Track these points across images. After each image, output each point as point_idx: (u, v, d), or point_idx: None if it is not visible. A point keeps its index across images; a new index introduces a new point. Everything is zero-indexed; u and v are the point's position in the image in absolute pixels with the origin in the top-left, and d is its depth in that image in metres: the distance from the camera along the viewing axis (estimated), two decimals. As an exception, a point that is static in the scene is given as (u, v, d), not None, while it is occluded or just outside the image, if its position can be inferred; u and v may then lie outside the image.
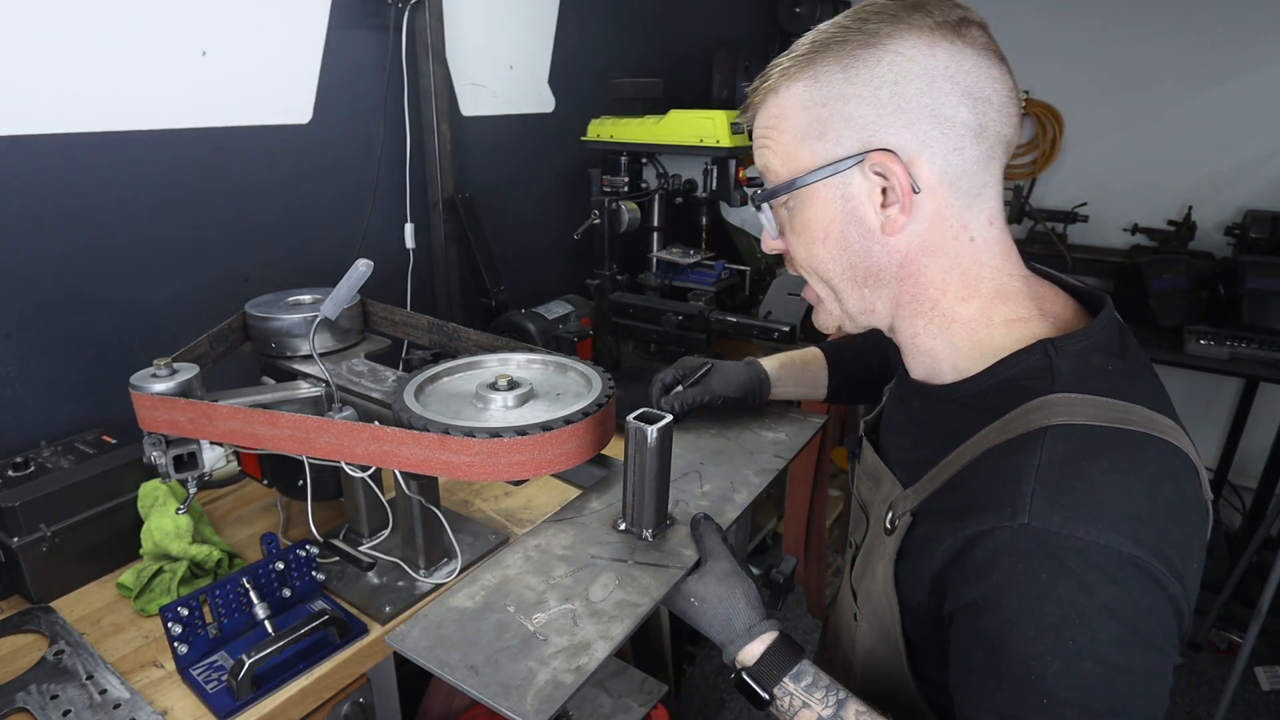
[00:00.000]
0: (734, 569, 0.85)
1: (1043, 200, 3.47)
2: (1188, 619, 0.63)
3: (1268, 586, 2.26)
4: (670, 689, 1.72)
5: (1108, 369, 0.68)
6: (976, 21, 0.70)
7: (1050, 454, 0.63)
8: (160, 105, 1.54)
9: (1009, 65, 0.71)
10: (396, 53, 1.94)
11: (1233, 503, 3.33)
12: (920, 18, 0.67)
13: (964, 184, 0.70)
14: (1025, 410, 0.66)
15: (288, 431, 1.04)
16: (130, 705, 1.04)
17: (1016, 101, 0.71)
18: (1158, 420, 0.65)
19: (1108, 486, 0.61)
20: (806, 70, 0.71)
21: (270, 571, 1.19)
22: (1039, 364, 0.68)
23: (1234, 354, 2.56)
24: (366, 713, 1.21)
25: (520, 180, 2.47)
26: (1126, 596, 0.59)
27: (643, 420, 0.88)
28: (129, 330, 1.58)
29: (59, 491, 1.25)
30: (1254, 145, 3.01)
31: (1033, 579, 0.61)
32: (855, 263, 0.75)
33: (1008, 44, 0.74)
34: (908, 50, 0.67)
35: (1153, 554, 0.59)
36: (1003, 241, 0.74)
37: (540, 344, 1.93)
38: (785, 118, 0.73)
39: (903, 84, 0.67)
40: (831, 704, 0.75)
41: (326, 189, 1.91)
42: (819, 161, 0.72)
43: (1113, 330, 0.72)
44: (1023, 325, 0.71)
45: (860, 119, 0.69)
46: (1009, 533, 0.62)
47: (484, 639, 0.77)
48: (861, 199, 0.71)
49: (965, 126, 0.68)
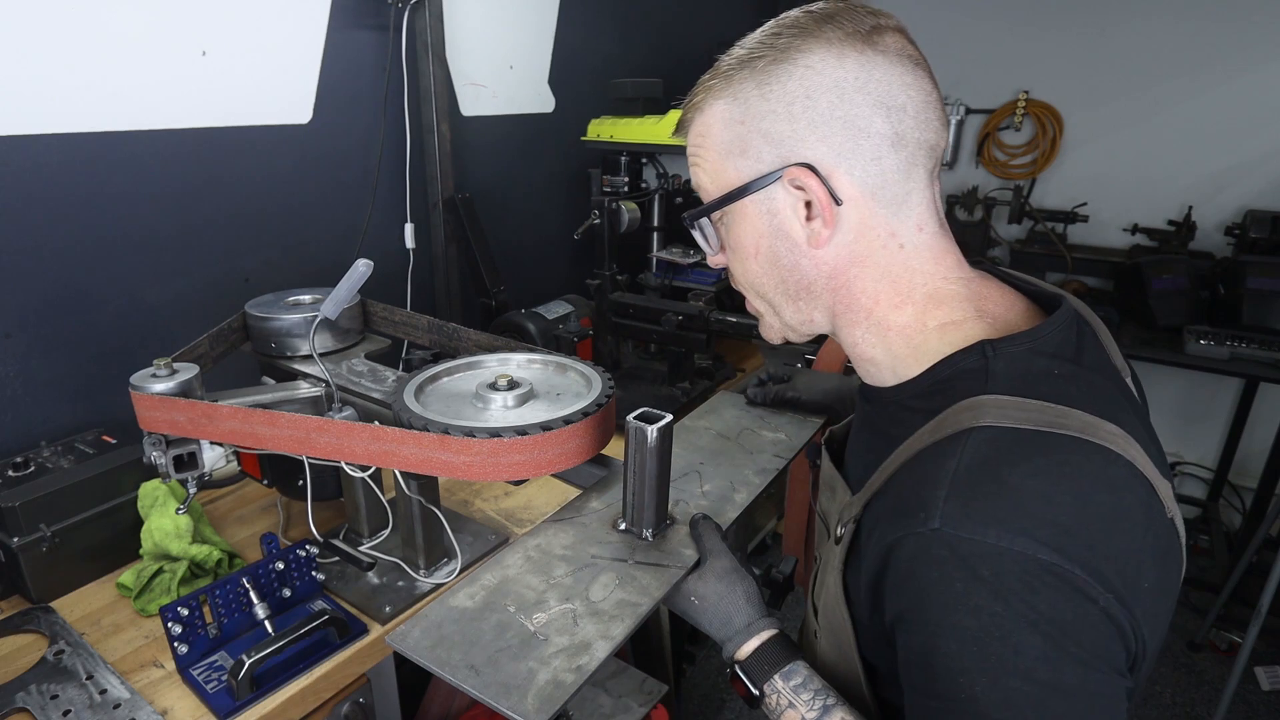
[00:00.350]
0: (734, 567, 0.85)
1: (1043, 200, 3.48)
2: (1136, 637, 0.59)
3: (1268, 586, 2.26)
4: (670, 689, 1.72)
5: (1052, 372, 0.65)
6: (891, 28, 0.69)
7: (970, 457, 0.61)
8: (160, 105, 1.54)
9: (928, 69, 0.70)
10: (396, 53, 1.94)
11: (1233, 503, 3.34)
12: (830, 29, 0.67)
13: (887, 193, 0.69)
14: (955, 411, 0.64)
15: (288, 431, 1.04)
16: (130, 705, 1.04)
17: (936, 105, 0.70)
18: (1099, 426, 0.61)
19: (1026, 491, 0.58)
20: (728, 88, 0.71)
21: (270, 571, 1.19)
22: (975, 365, 0.66)
23: (1234, 354, 2.56)
24: (366, 713, 1.21)
25: (520, 180, 2.47)
26: (1048, 608, 0.56)
27: (643, 420, 0.88)
28: (129, 330, 1.58)
29: (59, 491, 1.25)
30: (1254, 145, 3.01)
31: (949, 588, 0.58)
32: (786, 277, 0.75)
33: (1007, 44, 0.74)
34: (816, 63, 0.67)
35: (1077, 564, 0.56)
36: (936, 246, 0.72)
37: (540, 344, 1.93)
38: (710, 135, 0.73)
39: (814, 97, 0.67)
40: (817, 708, 0.74)
41: (326, 189, 1.91)
42: (743, 179, 0.72)
43: (1067, 333, 0.69)
44: (957, 328, 0.70)
45: (777, 134, 0.69)
46: (922, 539, 0.60)
47: (484, 639, 0.77)
48: (786, 214, 0.71)
49: (881, 136, 0.67)
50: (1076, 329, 0.70)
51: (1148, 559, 0.60)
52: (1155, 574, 0.61)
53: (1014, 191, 3.44)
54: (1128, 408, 0.67)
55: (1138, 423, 0.66)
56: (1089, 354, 0.69)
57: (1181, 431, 3.45)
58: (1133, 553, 0.59)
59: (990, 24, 3.40)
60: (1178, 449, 3.49)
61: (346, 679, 1.15)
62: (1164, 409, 3.44)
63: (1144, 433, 0.66)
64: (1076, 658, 0.56)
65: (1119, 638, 0.58)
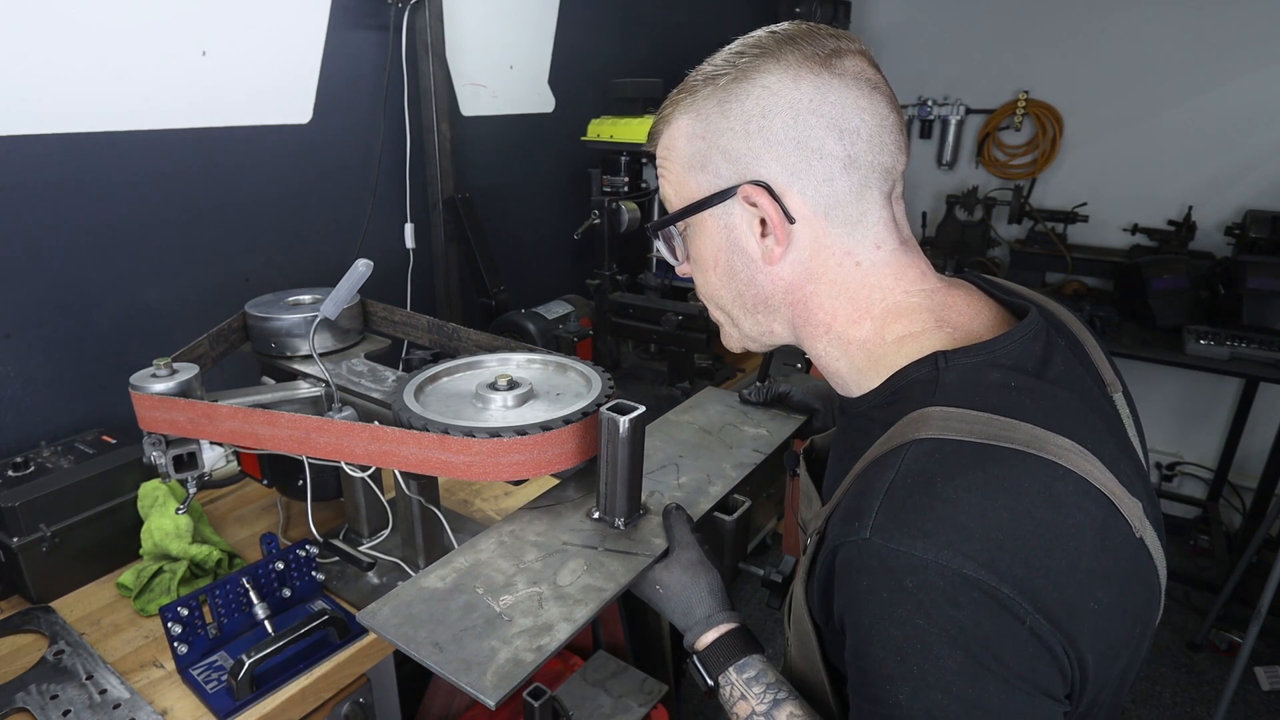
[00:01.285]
0: (700, 559, 0.87)
1: (1043, 200, 3.48)
2: (1072, 661, 0.57)
3: (1268, 586, 2.26)
4: (670, 689, 1.72)
5: (1008, 384, 0.64)
6: (852, 51, 0.70)
7: (907, 468, 0.61)
8: (160, 105, 1.54)
9: (888, 93, 0.71)
10: (396, 53, 1.94)
11: (1233, 503, 3.34)
12: (789, 52, 0.69)
13: (840, 213, 0.70)
14: (903, 423, 0.64)
15: (287, 431, 1.04)
16: (130, 705, 1.04)
17: (893, 129, 0.70)
18: (1048, 440, 0.60)
19: (958, 504, 0.57)
20: (693, 103, 0.73)
21: (270, 571, 1.19)
22: (927, 376, 0.67)
23: (1234, 354, 2.56)
24: (366, 713, 1.21)
25: (520, 180, 2.47)
26: (972, 624, 0.55)
27: (616, 411, 0.90)
28: (129, 330, 1.58)
29: (59, 491, 1.26)
30: (1254, 145, 3.01)
31: (876, 596, 0.59)
32: (743, 290, 0.77)
33: (1007, 44, 0.74)
34: (773, 84, 0.68)
35: (1006, 581, 0.55)
36: (895, 262, 0.72)
37: (540, 344, 1.93)
38: (675, 149, 0.75)
39: (769, 117, 0.68)
40: (767, 701, 0.75)
41: (326, 189, 1.91)
42: (702, 192, 0.74)
43: (1031, 344, 0.68)
44: (915, 339, 0.70)
45: (734, 152, 0.71)
46: (855, 547, 0.60)
47: (451, 618, 0.79)
48: (742, 229, 0.73)
49: (834, 157, 0.68)
50: (1045, 341, 0.70)
51: (1097, 580, 0.59)
52: (1110, 596, 0.59)
53: (1014, 191, 3.44)
54: (1095, 423, 0.66)
55: (1107, 438, 0.65)
56: (1054, 367, 0.68)
57: (1181, 431, 3.45)
58: (1076, 572, 0.57)
59: (990, 24, 3.40)
60: (1178, 449, 3.49)
61: (346, 679, 1.15)
62: (1164, 409, 3.44)
63: (1114, 448, 0.65)
64: (999, 675, 0.56)
65: (1049, 659, 0.57)
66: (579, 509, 0.98)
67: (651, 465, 1.08)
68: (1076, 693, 0.60)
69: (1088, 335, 0.78)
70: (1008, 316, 0.74)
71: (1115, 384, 0.76)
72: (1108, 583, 0.59)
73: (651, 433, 1.23)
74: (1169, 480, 3.49)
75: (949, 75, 3.57)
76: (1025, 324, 0.69)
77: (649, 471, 1.06)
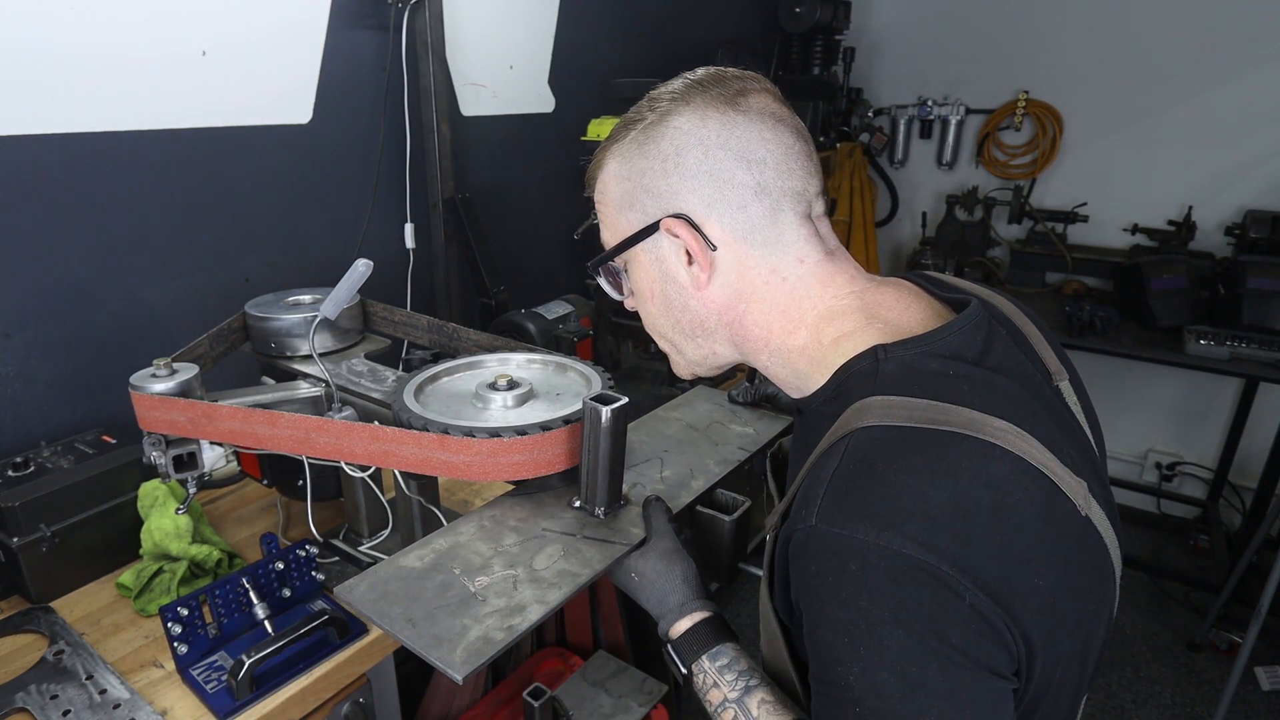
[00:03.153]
0: (675, 548, 0.89)
1: (1043, 200, 3.48)
2: (1016, 637, 0.59)
3: (1268, 586, 2.26)
4: (670, 689, 1.72)
5: (946, 373, 0.67)
6: (758, 90, 0.76)
7: (850, 456, 0.63)
8: (160, 105, 1.54)
9: (794, 124, 0.76)
10: (396, 53, 1.94)
11: (1233, 503, 3.34)
12: (698, 95, 0.75)
13: (758, 236, 0.75)
14: (847, 414, 0.67)
15: (287, 431, 1.04)
16: (130, 705, 1.04)
17: (800, 156, 0.75)
18: (986, 423, 0.62)
19: (899, 486, 0.59)
20: (619, 148, 0.79)
21: (270, 571, 1.19)
22: (867, 368, 0.69)
23: (1234, 354, 2.56)
24: (366, 713, 1.21)
25: (520, 180, 2.47)
26: (914, 603, 0.57)
27: (599, 401, 0.91)
28: (129, 330, 1.58)
29: (59, 491, 1.25)
30: (1254, 145, 3.01)
31: (823, 581, 0.61)
32: (680, 317, 0.82)
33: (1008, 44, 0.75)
34: (684, 125, 0.75)
35: (945, 559, 0.57)
36: (821, 272, 0.76)
37: (540, 344, 1.93)
38: (606, 192, 0.82)
39: (683, 154, 0.74)
40: (739, 688, 0.77)
41: (326, 189, 1.91)
42: (632, 229, 0.79)
43: (971, 334, 0.71)
44: (850, 338, 0.73)
45: (656, 189, 0.77)
46: (803, 534, 0.63)
47: (426, 596, 0.81)
48: (671, 260, 0.79)
49: (744, 186, 0.74)
50: (986, 331, 0.72)
51: (1040, 557, 0.60)
52: (1055, 574, 0.61)
53: (1014, 191, 3.45)
54: (1035, 407, 0.68)
55: (1048, 422, 0.67)
56: (994, 355, 0.71)
57: (1181, 431, 3.45)
58: (1017, 549, 0.59)
59: (990, 24, 3.41)
60: (1178, 449, 3.49)
61: (346, 679, 1.15)
62: (1164, 409, 3.45)
63: (1054, 431, 0.67)
64: (940, 654, 0.57)
65: (993, 635, 0.58)
66: (561, 498, 1.00)
67: (636, 459, 1.12)
68: (1024, 670, 0.61)
69: (1031, 327, 0.80)
70: (943, 310, 0.77)
71: (1061, 372, 0.78)
72: (1051, 558, 0.61)
73: (639, 428, 1.24)
74: (1169, 480, 3.49)
75: (949, 75, 3.57)
76: (964, 315, 0.72)
77: (634, 465, 1.09)
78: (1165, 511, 3.50)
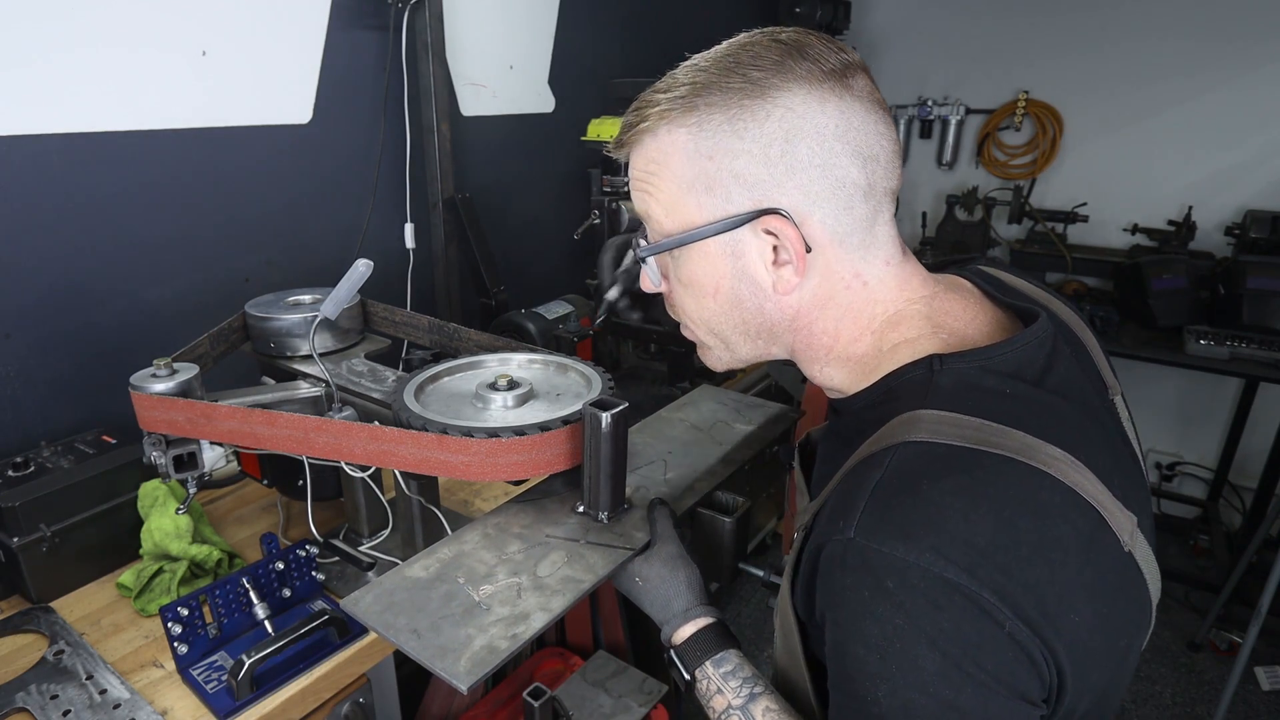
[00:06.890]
0: (679, 553, 0.88)
1: (1043, 200, 3.47)
2: (1050, 669, 0.58)
3: (1268, 586, 2.25)
4: (670, 689, 1.72)
5: (1003, 391, 0.63)
6: (858, 64, 0.67)
7: (894, 469, 0.60)
8: (160, 105, 1.54)
9: (889, 112, 0.69)
10: (396, 53, 1.94)
11: (1233, 503, 3.34)
12: (807, 67, 0.64)
13: (854, 239, 0.68)
14: (893, 424, 0.64)
15: (287, 431, 1.04)
16: (130, 705, 1.04)
17: (900, 152, 0.70)
18: (1039, 449, 0.59)
19: (943, 507, 0.57)
20: (689, 116, 0.67)
21: (270, 571, 1.19)
22: (920, 378, 0.66)
23: (1234, 354, 2.56)
24: (366, 713, 1.21)
25: (520, 180, 2.47)
26: (951, 627, 0.55)
27: (598, 407, 0.90)
28: (129, 330, 1.58)
29: (59, 491, 1.25)
30: (1254, 145, 3.01)
31: (857, 595, 0.59)
32: (748, 319, 0.73)
33: (1007, 44, 0.74)
34: (798, 106, 0.64)
35: (987, 586, 0.55)
36: (901, 273, 0.71)
37: (540, 344, 1.93)
38: (668, 165, 0.69)
39: (794, 143, 0.64)
40: (744, 695, 0.76)
41: (326, 189, 1.91)
42: (708, 217, 0.68)
43: (1034, 352, 0.67)
44: (910, 345, 0.69)
45: (751, 176, 0.66)
46: (839, 545, 0.60)
47: (431, 606, 0.81)
48: (753, 257, 0.69)
49: (855, 186, 0.66)
50: (1050, 349, 0.68)
51: (1079, 592, 0.58)
52: (1093, 608, 0.59)
53: (1014, 191, 3.44)
54: (1092, 434, 0.65)
55: (1103, 450, 0.65)
56: (1055, 375, 0.67)
57: (1181, 431, 3.45)
58: (1058, 583, 0.57)
59: (990, 24, 3.40)
60: (1178, 449, 3.49)
61: (346, 679, 1.15)
62: (1164, 409, 3.44)
63: (1109, 460, 0.64)
64: (976, 679, 0.56)
65: (1027, 664, 0.57)
66: (565, 503, 1.00)
67: (640, 461, 1.11)
68: (1053, 699, 0.60)
69: (1091, 337, 0.77)
70: (1005, 319, 0.73)
71: (1116, 387, 0.75)
72: (1091, 595, 0.59)
73: (643, 429, 1.24)
74: (1169, 480, 3.49)
75: (949, 75, 3.57)
76: (1031, 330, 0.68)
77: (638, 467, 1.09)
78: (1165, 511, 3.50)
